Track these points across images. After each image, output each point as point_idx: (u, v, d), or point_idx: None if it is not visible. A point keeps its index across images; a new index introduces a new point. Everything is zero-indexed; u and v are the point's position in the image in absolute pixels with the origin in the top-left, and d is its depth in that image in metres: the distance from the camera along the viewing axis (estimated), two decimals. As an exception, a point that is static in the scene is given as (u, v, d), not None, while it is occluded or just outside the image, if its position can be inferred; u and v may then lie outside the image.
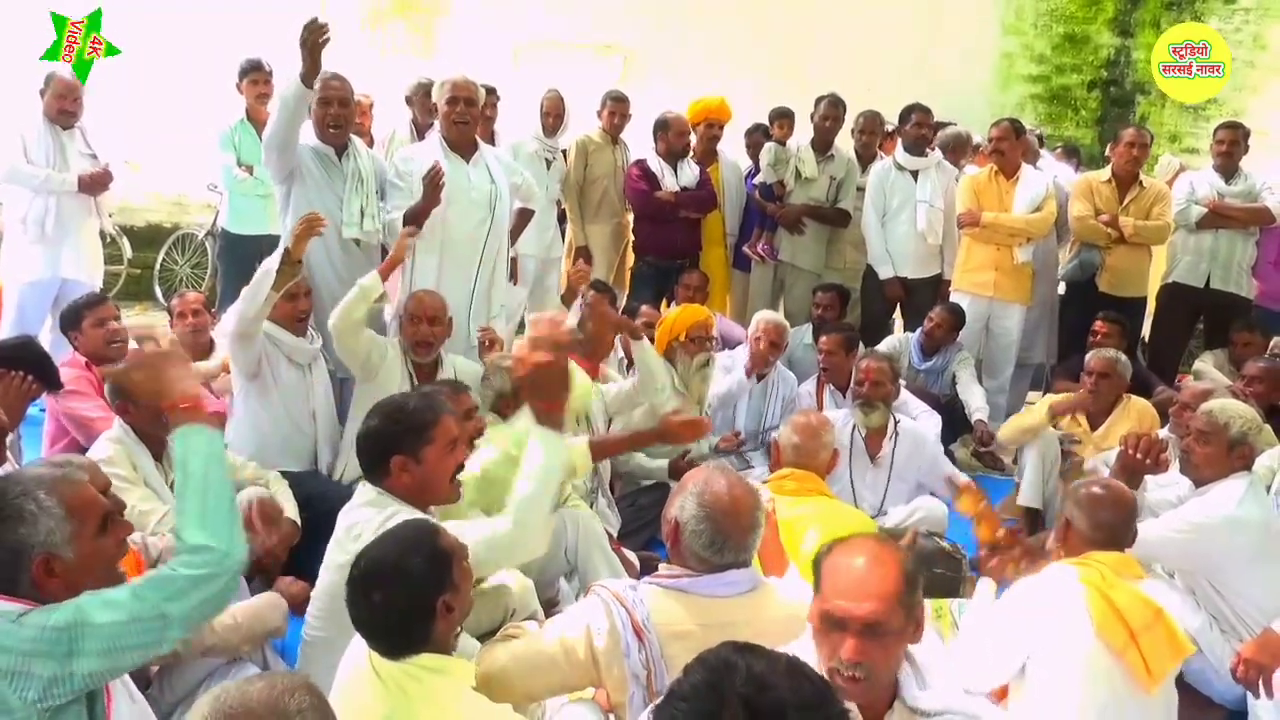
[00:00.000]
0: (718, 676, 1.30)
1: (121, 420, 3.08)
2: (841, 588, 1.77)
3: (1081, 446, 4.28)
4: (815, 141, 5.83)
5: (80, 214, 5.12)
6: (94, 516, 1.87)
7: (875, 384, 4.06)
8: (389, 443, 2.42)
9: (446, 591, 1.94)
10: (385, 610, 1.92)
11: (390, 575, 1.93)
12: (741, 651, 1.35)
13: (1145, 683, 2.28)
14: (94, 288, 5.12)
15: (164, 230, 8.23)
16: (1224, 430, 3.13)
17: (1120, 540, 2.58)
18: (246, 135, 5.71)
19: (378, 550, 2.00)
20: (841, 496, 3.74)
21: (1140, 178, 5.35)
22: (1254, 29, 7.47)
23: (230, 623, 2.41)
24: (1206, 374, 5.12)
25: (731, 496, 2.11)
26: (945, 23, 7.76)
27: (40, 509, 1.78)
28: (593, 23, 7.94)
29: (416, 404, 2.50)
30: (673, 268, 5.54)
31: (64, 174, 4.99)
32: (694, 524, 2.09)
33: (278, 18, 7.83)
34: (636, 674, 2.00)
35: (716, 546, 2.08)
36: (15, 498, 1.79)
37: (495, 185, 4.17)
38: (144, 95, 7.69)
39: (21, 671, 1.61)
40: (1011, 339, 5.36)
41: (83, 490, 1.88)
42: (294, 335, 3.71)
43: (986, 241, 5.28)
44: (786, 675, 1.31)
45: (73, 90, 5.02)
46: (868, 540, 1.87)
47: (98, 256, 5.31)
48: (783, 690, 1.28)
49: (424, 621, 1.92)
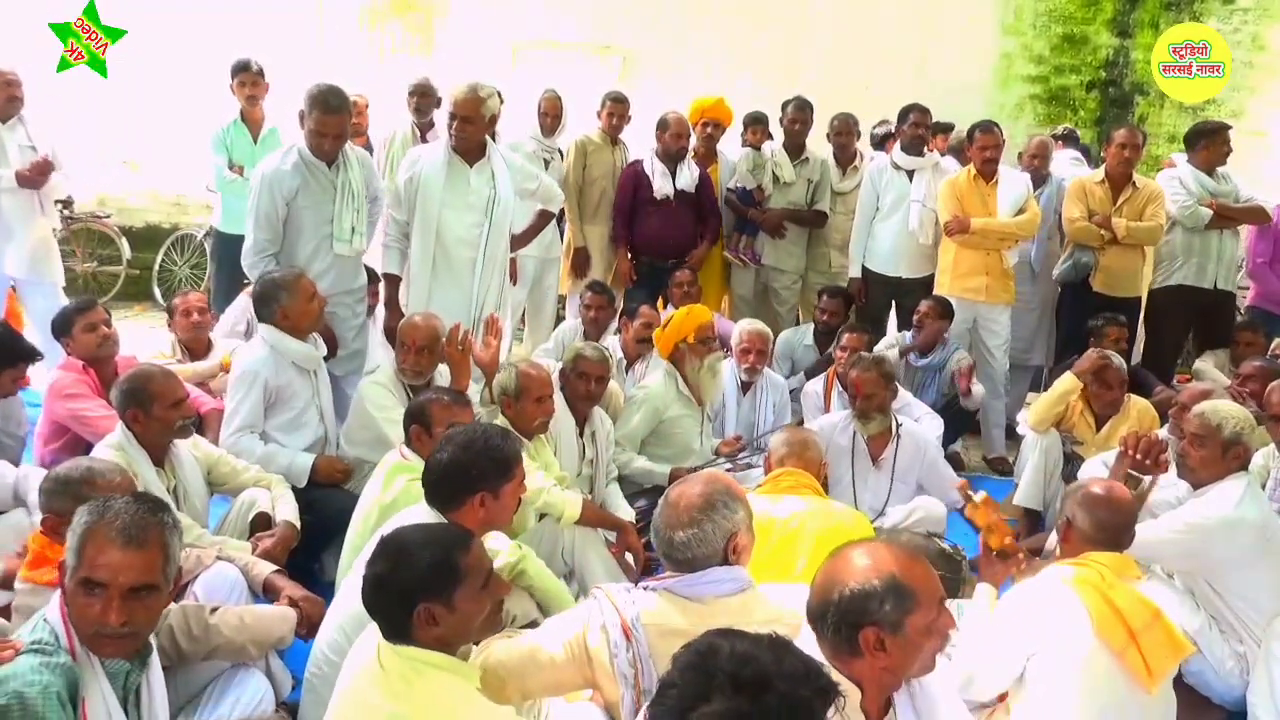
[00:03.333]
0: (703, 658, 1.34)
1: (124, 427, 3.08)
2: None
3: (1085, 448, 4.29)
4: (786, 145, 5.87)
5: (23, 210, 4.93)
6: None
7: (868, 396, 4.04)
8: (476, 480, 2.41)
9: (436, 601, 1.91)
10: (378, 584, 1.96)
11: (394, 556, 1.97)
12: (725, 635, 1.39)
13: (1146, 683, 2.29)
14: (50, 284, 5.06)
15: (163, 231, 8.23)
16: (1218, 432, 3.13)
17: (1120, 541, 2.59)
18: (239, 136, 5.70)
19: (408, 531, 2.05)
20: (843, 499, 3.75)
21: (1134, 178, 5.33)
22: (1253, 29, 7.47)
23: (237, 623, 2.41)
24: (1207, 374, 5.12)
25: (679, 492, 2.16)
26: (944, 23, 7.75)
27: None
28: (591, 22, 7.94)
29: (501, 440, 2.50)
30: (665, 267, 5.56)
31: (2, 170, 4.83)
32: (659, 530, 2.16)
33: (277, 17, 7.87)
34: (625, 673, 2.02)
35: (671, 542, 2.12)
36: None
37: (495, 190, 4.17)
38: (143, 96, 7.69)
39: None
40: (1002, 339, 5.34)
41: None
42: (300, 342, 3.66)
43: (975, 247, 5.22)
44: (770, 649, 1.35)
45: (16, 80, 4.88)
46: (877, 542, 1.87)
47: (49, 252, 5.10)
48: (766, 662, 1.31)
49: (400, 613, 1.92)
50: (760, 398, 4.76)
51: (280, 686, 2.62)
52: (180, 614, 2.32)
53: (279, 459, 3.51)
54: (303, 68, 7.18)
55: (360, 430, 3.68)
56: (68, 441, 3.70)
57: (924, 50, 7.73)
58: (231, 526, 3.23)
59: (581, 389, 3.83)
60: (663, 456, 4.25)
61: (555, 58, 7.91)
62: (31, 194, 4.94)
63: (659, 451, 4.28)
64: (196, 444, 3.35)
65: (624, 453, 4.18)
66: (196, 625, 2.34)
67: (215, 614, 2.40)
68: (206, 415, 4.04)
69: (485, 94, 4.09)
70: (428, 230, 4.11)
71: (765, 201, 5.82)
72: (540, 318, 5.90)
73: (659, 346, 4.46)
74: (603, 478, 3.99)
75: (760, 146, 5.88)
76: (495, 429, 2.65)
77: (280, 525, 3.16)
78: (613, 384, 4.40)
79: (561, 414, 3.74)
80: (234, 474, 3.35)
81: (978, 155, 5.28)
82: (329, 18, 8.08)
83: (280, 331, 3.61)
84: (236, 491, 3.34)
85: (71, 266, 7.22)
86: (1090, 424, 4.38)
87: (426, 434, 3.03)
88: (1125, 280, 5.38)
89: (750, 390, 4.76)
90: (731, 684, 1.29)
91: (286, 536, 3.12)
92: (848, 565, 1.74)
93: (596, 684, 2.10)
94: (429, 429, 3.04)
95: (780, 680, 1.30)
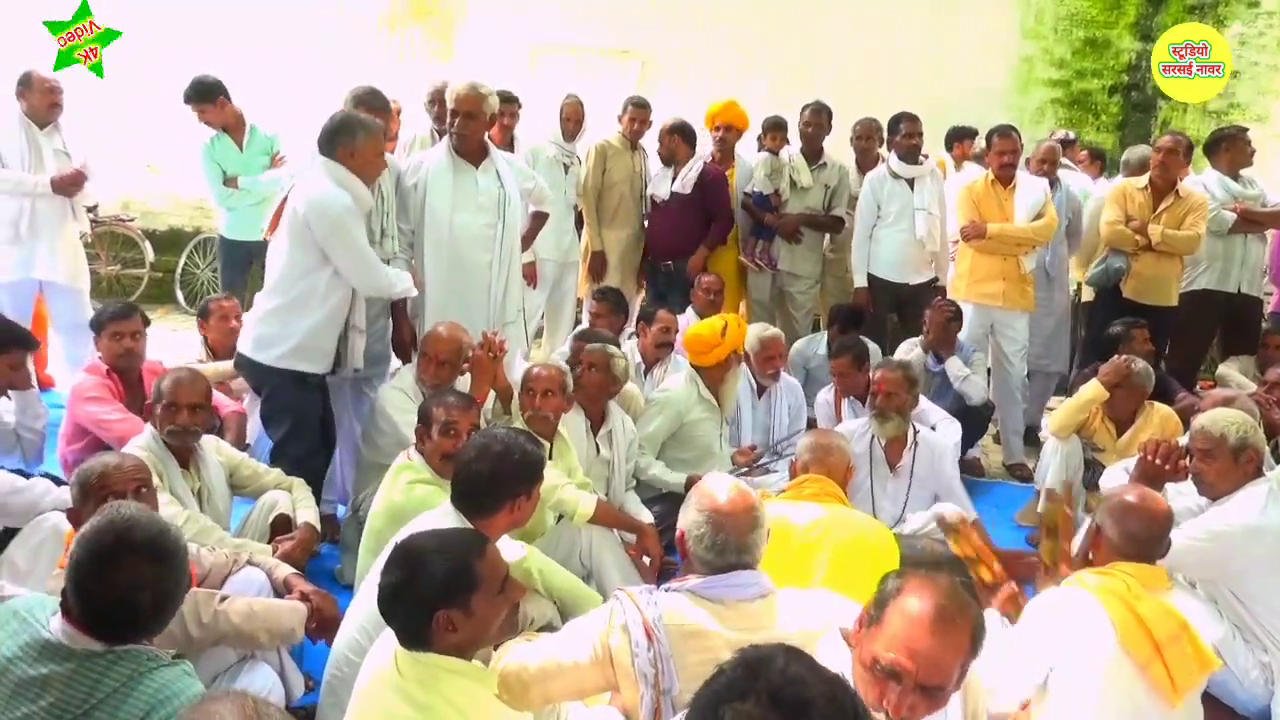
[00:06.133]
0: (758, 663, 1.34)
1: (153, 430, 3.12)
2: (908, 642, 1.73)
3: (1105, 455, 4.25)
4: (804, 149, 5.87)
5: (56, 215, 5.01)
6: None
7: (889, 395, 4.02)
8: (513, 487, 2.50)
9: (455, 608, 1.92)
10: (395, 592, 1.95)
11: (412, 563, 1.96)
12: (787, 652, 1.37)
13: (1169, 696, 2.25)
14: (76, 290, 5.13)
15: (185, 234, 8.32)
16: (1223, 442, 3.10)
17: (1152, 553, 2.53)
18: (226, 149, 5.66)
19: (422, 538, 2.04)
20: (861, 506, 3.72)
21: (1178, 187, 5.22)
22: (1277, 33, 7.40)
23: (246, 611, 2.42)
24: (1231, 379, 5.08)
25: (728, 498, 2.17)
26: (964, 27, 7.72)
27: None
28: (610, 27, 7.95)
29: (532, 446, 2.60)
30: (661, 269, 5.73)
31: (38, 176, 4.90)
32: (695, 529, 2.15)
33: (296, 20, 7.93)
34: (645, 673, 2.01)
35: (718, 548, 2.12)
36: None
37: (504, 190, 4.17)
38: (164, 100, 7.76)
39: None
40: (1020, 345, 5.29)
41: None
42: (361, 183, 3.62)
43: (992, 252, 5.20)
44: (825, 683, 1.32)
45: (59, 88, 4.97)
46: (944, 587, 1.80)
47: (77, 258, 5.19)
48: (814, 693, 1.29)
49: (418, 621, 1.92)
50: (775, 402, 4.75)
51: (292, 688, 2.63)
52: (191, 600, 2.32)
53: (404, 278, 3.73)
54: (321, 72, 7.25)
55: (380, 435, 3.68)
56: (89, 442, 3.73)
57: (943, 54, 7.70)
58: (253, 528, 3.25)
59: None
60: (683, 460, 4.23)
61: (574, 62, 7.94)
62: (64, 200, 5.02)
63: (679, 455, 4.27)
64: (219, 447, 3.39)
65: (643, 456, 4.17)
66: (205, 612, 2.35)
67: (224, 602, 2.41)
68: (226, 418, 4.07)
69: (485, 91, 4.10)
70: (439, 235, 4.07)
71: (782, 206, 5.81)
72: (559, 321, 5.92)
73: (712, 354, 4.28)
74: (620, 479, 3.98)
75: (779, 151, 5.88)
76: (523, 434, 2.68)
77: (301, 528, 3.18)
78: (632, 387, 4.40)
79: (572, 411, 3.77)
80: (255, 476, 3.38)
81: (995, 160, 5.28)
82: (348, 22, 8.14)
83: (347, 170, 3.55)
84: (258, 494, 3.37)
85: (95, 269, 7.28)
86: (1111, 431, 4.34)
87: (427, 435, 3.13)
88: (1158, 288, 5.28)
89: (765, 395, 4.75)
90: (770, 696, 1.28)
91: (307, 539, 3.14)
92: None
93: (616, 685, 2.09)
94: (429, 430, 3.12)
95: (818, 714, 1.28)
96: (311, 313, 3.57)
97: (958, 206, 5.33)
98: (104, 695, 1.70)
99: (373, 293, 3.69)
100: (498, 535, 2.52)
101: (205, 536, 2.92)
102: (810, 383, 5.31)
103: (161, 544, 1.84)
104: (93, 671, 1.72)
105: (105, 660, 1.74)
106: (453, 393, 3.35)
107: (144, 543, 1.81)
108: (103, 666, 1.73)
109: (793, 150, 5.91)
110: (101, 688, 1.71)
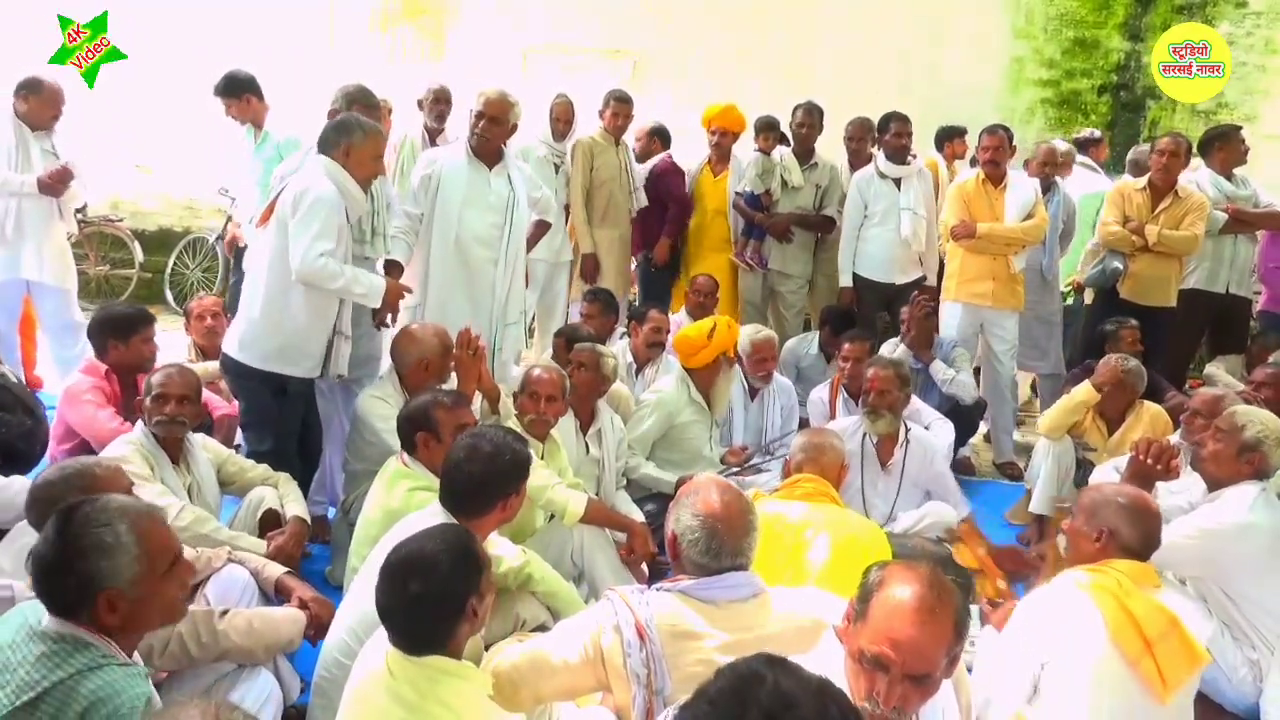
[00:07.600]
0: (745, 684, 1.29)
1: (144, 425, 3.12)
2: (891, 631, 1.74)
3: (1097, 454, 4.27)
4: (795, 149, 5.88)
5: (43, 216, 4.99)
6: (165, 559, 1.92)
7: (881, 392, 4.04)
8: (503, 487, 2.53)
9: (475, 594, 1.98)
10: (419, 601, 1.93)
11: (431, 567, 1.96)
12: (773, 665, 1.32)
13: (1159, 693, 2.25)
14: (64, 290, 5.11)
15: (175, 234, 8.29)
16: (1239, 431, 3.11)
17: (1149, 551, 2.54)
18: (248, 144, 5.60)
19: (421, 543, 2.03)
20: (852, 504, 3.73)
21: (1177, 188, 5.22)
22: (1265, 33, 7.44)
23: (246, 628, 2.42)
24: (1219, 379, 5.09)
25: (723, 502, 2.17)
26: (954, 27, 7.74)
27: (118, 544, 1.84)
28: (602, 27, 7.95)
29: (520, 445, 2.62)
30: (650, 268, 5.86)
31: (24, 175, 4.87)
32: (690, 533, 2.14)
33: (287, 20, 7.91)
34: (637, 673, 2.02)
35: (713, 551, 2.12)
36: (98, 527, 1.84)
37: (514, 191, 4.23)
38: (154, 100, 7.74)
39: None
40: (1009, 344, 5.31)
41: (160, 531, 1.94)
42: (355, 184, 3.61)
43: (981, 252, 5.21)
44: (814, 696, 1.28)
45: (64, 98, 4.96)
46: (923, 575, 1.81)
47: (65, 258, 5.16)
48: (807, 710, 1.25)
49: (453, 618, 1.95)
50: (768, 403, 4.76)
51: (289, 690, 2.63)
52: (190, 621, 2.33)
53: (361, 280, 3.54)
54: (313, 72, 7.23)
55: (365, 446, 3.59)
56: (80, 443, 3.71)
57: (935, 54, 7.72)
58: (241, 525, 3.24)
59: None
60: (672, 462, 4.23)
61: (566, 62, 7.93)
62: (51, 200, 5.00)
63: (669, 456, 4.27)
64: (205, 444, 3.38)
65: (634, 456, 4.17)
66: (206, 632, 2.35)
67: (224, 619, 2.41)
68: (217, 420, 4.05)
69: (514, 100, 4.22)
70: (447, 229, 4.14)
71: (773, 206, 5.82)
72: (550, 322, 5.90)
73: (699, 356, 4.27)
74: (611, 478, 3.98)
75: (771, 151, 5.88)
76: (510, 434, 2.68)
77: (291, 522, 3.18)
78: (622, 387, 4.39)
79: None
80: (241, 472, 3.38)
81: (981, 156, 5.33)
82: (340, 22, 8.12)
83: (340, 168, 3.54)
84: (244, 490, 3.37)
85: (84, 270, 7.27)
86: (1102, 430, 4.36)
87: (436, 440, 3.00)
88: (1155, 289, 5.28)
89: (758, 396, 4.75)
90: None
91: (298, 530, 3.15)
92: None
93: (608, 686, 2.09)
94: (438, 435, 3.00)
95: None
96: (299, 313, 3.55)
97: (947, 205, 5.34)
98: (57, 680, 1.75)
99: (306, 279, 3.45)
100: (488, 534, 2.54)
101: (201, 526, 2.93)
102: (802, 382, 5.31)
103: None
104: (56, 657, 1.78)
105: (69, 647, 1.80)
106: (447, 393, 3.33)
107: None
108: (65, 653, 1.79)
109: (784, 150, 5.91)
110: (57, 673, 1.76)
